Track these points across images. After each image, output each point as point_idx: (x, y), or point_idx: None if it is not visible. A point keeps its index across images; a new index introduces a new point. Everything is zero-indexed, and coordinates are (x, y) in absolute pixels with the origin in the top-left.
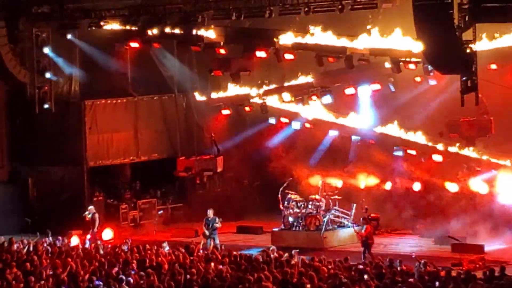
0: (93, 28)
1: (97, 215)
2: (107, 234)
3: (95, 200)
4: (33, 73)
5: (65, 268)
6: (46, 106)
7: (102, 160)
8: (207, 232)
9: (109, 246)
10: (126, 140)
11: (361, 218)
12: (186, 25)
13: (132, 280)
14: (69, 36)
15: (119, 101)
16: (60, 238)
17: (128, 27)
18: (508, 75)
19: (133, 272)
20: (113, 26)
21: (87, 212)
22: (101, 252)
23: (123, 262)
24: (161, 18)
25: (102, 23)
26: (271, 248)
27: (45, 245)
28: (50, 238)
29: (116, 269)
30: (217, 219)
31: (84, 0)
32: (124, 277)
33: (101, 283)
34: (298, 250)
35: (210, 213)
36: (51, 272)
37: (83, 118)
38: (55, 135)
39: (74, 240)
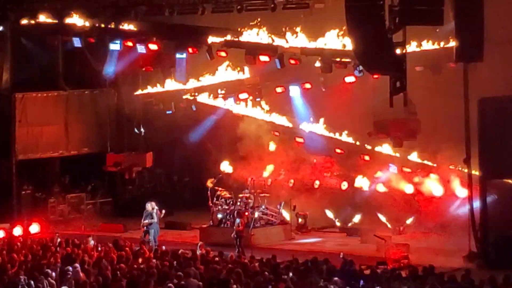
0: (26, 20)
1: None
2: (34, 228)
3: (23, 193)
4: None
5: None
6: None
7: (31, 153)
8: (144, 227)
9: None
10: (56, 133)
11: (235, 212)
12: (119, 20)
13: (58, 275)
14: (0, 28)
15: (50, 94)
16: None
17: (61, 21)
18: (433, 77)
19: (59, 267)
20: (46, 19)
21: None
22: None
23: (50, 256)
24: (95, 13)
25: (34, 16)
26: (199, 244)
27: None
28: None
29: (43, 263)
30: (154, 212)
31: None
32: (50, 272)
33: None
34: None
35: (148, 206)
36: None
37: (13, 111)
38: None
39: (0, 233)
